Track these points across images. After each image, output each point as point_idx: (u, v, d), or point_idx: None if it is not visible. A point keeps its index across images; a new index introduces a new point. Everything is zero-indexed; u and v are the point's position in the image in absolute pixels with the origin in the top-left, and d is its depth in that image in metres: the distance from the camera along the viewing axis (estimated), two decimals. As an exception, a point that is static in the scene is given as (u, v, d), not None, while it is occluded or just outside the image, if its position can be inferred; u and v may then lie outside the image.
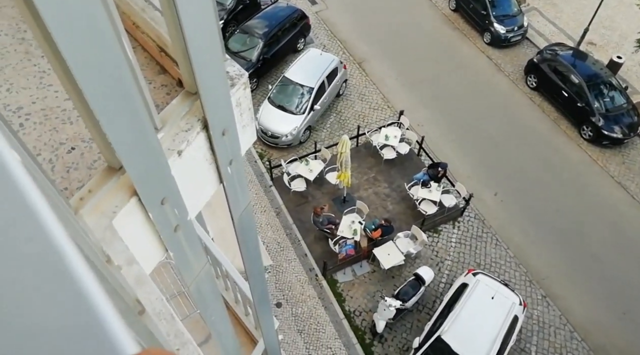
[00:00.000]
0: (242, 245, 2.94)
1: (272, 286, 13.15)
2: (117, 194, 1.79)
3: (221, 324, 2.97)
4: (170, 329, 1.50)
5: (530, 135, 16.74)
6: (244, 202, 2.67)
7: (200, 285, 2.50)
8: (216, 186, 2.38)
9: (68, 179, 2.14)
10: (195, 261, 2.36)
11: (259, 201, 14.79)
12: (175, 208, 2.03)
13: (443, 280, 13.40)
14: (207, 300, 2.65)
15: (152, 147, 1.74)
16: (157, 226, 1.96)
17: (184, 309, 5.58)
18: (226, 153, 2.26)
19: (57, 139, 2.32)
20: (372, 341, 12.37)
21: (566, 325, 12.76)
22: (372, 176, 15.43)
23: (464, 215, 14.68)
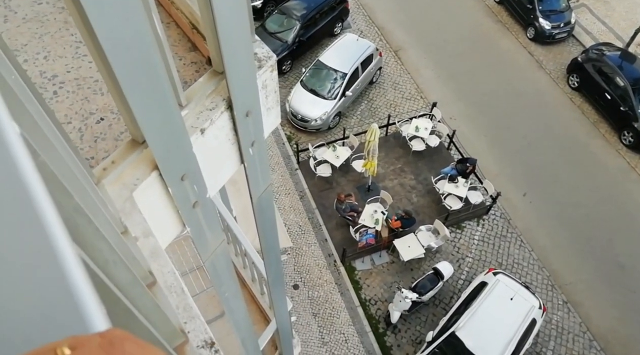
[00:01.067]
0: (260, 226, 2.97)
1: (291, 268, 13.30)
2: (139, 167, 1.83)
3: (234, 301, 3.02)
4: (180, 302, 1.54)
5: (566, 137, 16.21)
6: (264, 184, 2.69)
7: (215, 261, 2.55)
8: (237, 166, 2.40)
9: (95, 148, 2.21)
10: (212, 238, 2.40)
11: (283, 183, 14.89)
12: (194, 185, 2.06)
13: (462, 277, 13.26)
14: (222, 277, 2.71)
15: (175, 124, 1.76)
16: (176, 201, 2.00)
17: (202, 282, 5.71)
18: (249, 134, 2.27)
19: (88, 109, 2.39)
20: (386, 331, 12.41)
21: (586, 333, 12.48)
22: (399, 167, 15.29)
23: (489, 213, 14.42)
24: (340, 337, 12.31)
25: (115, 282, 0.93)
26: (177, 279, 1.60)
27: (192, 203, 2.11)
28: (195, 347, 1.47)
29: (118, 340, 0.39)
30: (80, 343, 0.38)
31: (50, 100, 2.43)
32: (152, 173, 1.86)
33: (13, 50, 2.56)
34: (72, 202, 0.74)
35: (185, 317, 1.53)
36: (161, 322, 1.18)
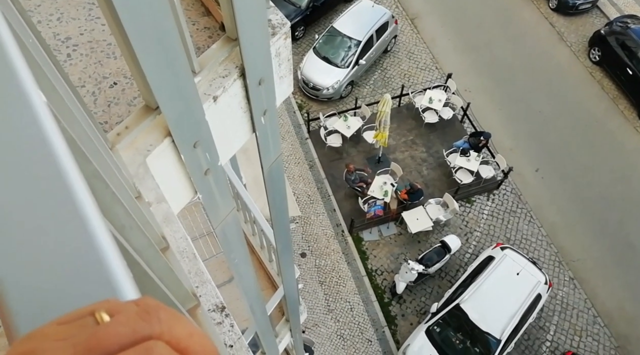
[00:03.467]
0: (270, 196, 2.99)
1: (299, 237, 13.46)
2: (152, 133, 1.84)
3: (243, 267, 3.08)
4: (192, 267, 1.57)
5: (583, 113, 15.89)
6: (275, 154, 2.69)
7: (226, 228, 2.59)
8: (249, 135, 2.40)
9: (109, 113, 2.21)
10: (223, 205, 2.43)
11: (293, 152, 14.89)
12: (206, 152, 2.07)
13: (469, 251, 13.34)
14: (232, 244, 2.75)
15: (188, 90, 1.76)
16: (188, 168, 2.01)
17: (211, 248, 5.82)
18: (261, 103, 2.26)
19: (101, 73, 2.38)
20: (391, 301, 12.62)
21: (590, 310, 12.58)
22: (411, 139, 15.17)
23: (500, 188, 14.35)
24: (346, 305, 12.56)
25: (132, 246, 0.95)
26: (189, 245, 1.63)
27: (204, 170, 2.13)
28: (207, 310, 1.51)
29: (153, 308, 0.39)
30: (118, 309, 0.38)
31: (63, 63, 2.43)
32: (164, 140, 1.87)
33: (27, 11, 2.53)
34: (90, 167, 0.75)
35: (197, 281, 1.56)
36: (175, 285, 1.21)
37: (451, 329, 11.15)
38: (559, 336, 12.23)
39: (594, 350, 12.05)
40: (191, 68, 1.88)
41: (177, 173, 2.00)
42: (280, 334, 5.66)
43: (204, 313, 1.38)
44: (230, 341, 1.46)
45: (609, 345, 12.12)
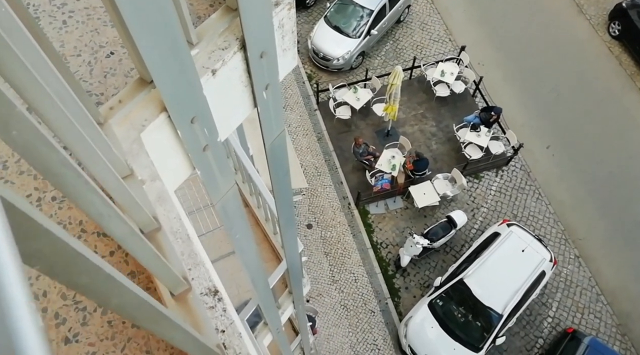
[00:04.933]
0: (273, 172, 2.92)
1: (305, 208, 13.49)
2: (147, 108, 1.77)
3: (245, 242, 3.05)
4: (185, 249, 1.53)
5: (599, 89, 15.48)
6: (278, 129, 2.61)
7: (226, 205, 2.53)
8: (250, 110, 2.31)
9: (105, 84, 2.14)
10: (223, 182, 2.37)
11: (302, 124, 14.76)
12: (205, 128, 2.00)
13: (475, 227, 13.31)
14: (233, 220, 2.70)
15: (185, 63, 1.67)
16: (185, 144, 1.94)
17: (216, 219, 5.81)
18: (263, 77, 2.16)
19: (98, 41, 2.29)
20: (395, 273, 12.71)
21: (594, 288, 12.60)
22: (421, 112, 14.94)
23: (509, 164, 14.18)
24: (350, 276, 12.68)
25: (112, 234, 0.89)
26: (183, 225, 1.58)
27: (203, 147, 2.06)
28: (199, 294, 1.48)
29: None
30: None
31: (59, 30, 2.34)
32: (160, 114, 1.79)
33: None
34: (57, 156, 0.69)
35: (190, 263, 1.52)
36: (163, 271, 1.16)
37: (454, 303, 11.24)
38: (561, 313, 12.30)
39: (595, 327, 12.13)
40: (188, 39, 1.79)
41: (174, 149, 1.94)
42: (283, 305, 5.71)
43: (195, 297, 1.34)
44: (222, 326, 1.44)
45: (611, 323, 12.19)
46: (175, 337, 0.94)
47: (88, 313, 1.66)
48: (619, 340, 12.01)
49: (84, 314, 1.67)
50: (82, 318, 1.66)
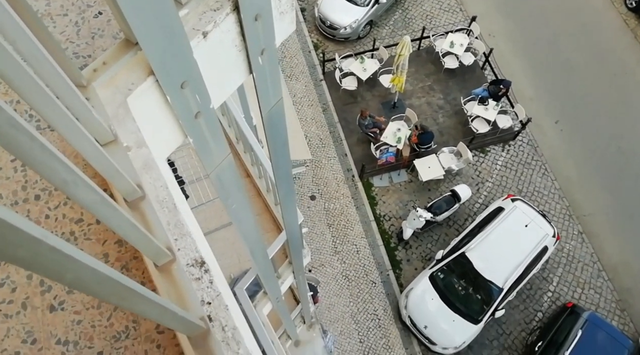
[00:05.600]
0: (270, 142, 2.86)
1: (309, 180, 13.46)
2: (134, 71, 1.68)
3: (242, 212, 3.01)
4: (171, 219, 1.48)
5: (612, 63, 15.09)
6: (275, 98, 2.52)
7: (221, 174, 2.48)
8: (245, 76, 2.22)
9: (92, 45, 2.05)
10: (216, 150, 2.30)
11: (307, 94, 14.56)
12: (196, 94, 1.92)
13: (479, 201, 13.25)
14: (228, 190, 2.65)
15: (172, 24, 1.58)
16: (175, 111, 1.87)
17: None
18: (258, 41, 2.06)
19: (85, 0, 2.19)
20: (397, 246, 12.76)
21: (596, 264, 12.62)
22: (428, 84, 14.67)
23: (516, 139, 13.99)
24: (352, 247, 12.75)
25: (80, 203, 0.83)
26: (170, 194, 1.53)
27: (194, 113, 1.98)
28: (185, 265, 1.44)
29: None
30: None
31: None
32: (148, 78, 1.71)
33: None
34: (3, 115, 0.63)
35: (176, 234, 1.48)
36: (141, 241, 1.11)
37: (455, 276, 11.31)
38: (561, 288, 12.37)
39: (595, 302, 12.20)
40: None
41: (164, 116, 1.86)
42: (283, 275, 5.74)
43: (179, 268, 1.30)
44: (208, 298, 1.40)
45: (611, 298, 12.25)
46: (148, 312, 0.90)
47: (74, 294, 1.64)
48: (618, 315, 12.09)
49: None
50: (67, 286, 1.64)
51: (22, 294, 1.61)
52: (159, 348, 1.58)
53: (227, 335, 1.33)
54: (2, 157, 1.87)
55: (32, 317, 1.56)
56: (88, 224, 1.77)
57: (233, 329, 1.34)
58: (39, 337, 1.54)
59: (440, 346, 11.09)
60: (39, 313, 1.57)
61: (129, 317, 1.61)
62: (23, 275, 1.61)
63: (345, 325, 11.84)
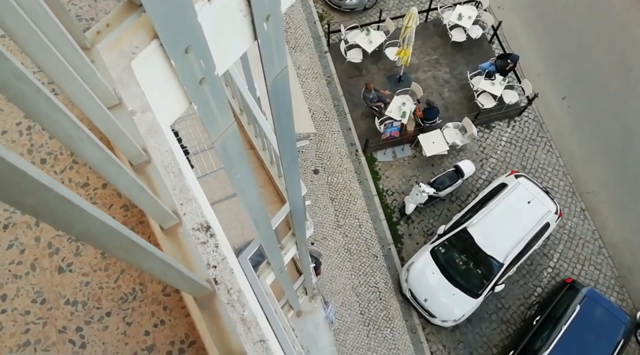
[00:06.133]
0: (274, 111, 2.83)
1: (312, 154, 13.44)
2: (138, 34, 1.66)
3: (246, 182, 3.01)
4: (177, 184, 1.49)
5: (623, 38, 14.77)
6: (280, 66, 2.49)
7: (225, 143, 2.47)
8: (250, 43, 2.19)
9: (95, 8, 2.01)
10: (221, 118, 2.29)
11: (311, 66, 14.39)
12: (201, 59, 1.89)
13: (483, 177, 13.24)
14: (232, 159, 2.65)
15: (176, -14, 1.55)
16: (180, 76, 1.85)
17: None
18: (263, 6, 2.02)
19: (88, -38, 2.14)
20: (399, 221, 12.83)
21: (597, 241, 12.68)
22: (435, 58, 14.46)
23: (522, 115, 13.87)
24: (355, 221, 12.83)
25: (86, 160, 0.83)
26: (175, 159, 1.53)
27: (199, 79, 1.96)
28: (190, 229, 1.45)
29: None
30: None
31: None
32: (152, 42, 1.69)
33: None
34: (9, 66, 0.62)
35: (182, 198, 1.48)
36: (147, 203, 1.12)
37: (456, 251, 11.41)
38: (561, 264, 12.47)
39: (594, 278, 12.32)
40: (180, -41, 1.65)
41: (168, 81, 1.85)
42: (286, 247, 5.80)
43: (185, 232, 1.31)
44: (213, 262, 1.42)
45: (610, 275, 12.36)
46: (155, 269, 0.92)
47: (81, 244, 1.66)
48: (617, 291, 12.23)
49: (77, 245, 1.67)
50: (75, 249, 1.66)
51: (31, 255, 1.63)
52: (165, 310, 1.61)
53: (232, 297, 1.36)
54: (8, 120, 1.87)
55: (41, 278, 1.59)
56: (94, 188, 1.78)
57: (238, 292, 1.37)
58: (48, 297, 1.57)
59: (440, 319, 11.28)
60: (47, 274, 1.60)
61: (136, 280, 1.64)
62: (31, 238, 1.64)
63: (347, 297, 12.03)
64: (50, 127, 0.76)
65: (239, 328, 1.31)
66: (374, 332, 11.74)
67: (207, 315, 1.31)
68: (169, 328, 1.58)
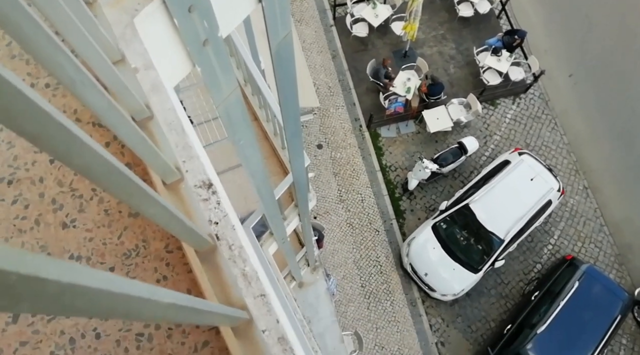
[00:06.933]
0: (278, 78, 2.81)
1: (316, 128, 13.40)
2: (140, -10, 1.64)
3: (249, 149, 3.01)
4: (179, 141, 1.49)
5: (635, 20, 14.46)
6: (284, 30, 2.46)
7: (229, 108, 2.46)
8: (253, 5, 2.16)
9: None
10: (225, 82, 2.28)
11: (317, 40, 14.20)
12: (204, 19, 1.87)
13: (486, 154, 13.20)
14: (236, 125, 2.65)
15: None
16: (183, 36, 1.83)
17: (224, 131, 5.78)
18: (267, -34, 1.99)
19: None
20: (402, 196, 12.87)
21: (598, 219, 12.71)
22: (441, 33, 14.23)
23: (528, 92, 13.72)
24: (357, 196, 12.88)
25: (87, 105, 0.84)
26: (178, 117, 1.53)
27: (202, 40, 1.94)
28: (193, 186, 1.46)
29: None
30: None
31: None
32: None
33: None
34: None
35: (185, 156, 1.49)
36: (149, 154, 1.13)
37: (457, 227, 11.47)
38: (562, 241, 12.54)
39: (594, 256, 12.40)
40: None
41: (171, 40, 1.83)
42: (289, 217, 5.84)
43: (187, 188, 1.33)
44: (215, 218, 1.44)
45: (610, 253, 12.44)
46: (158, 215, 0.93)
47: (85, 201, 1.68)
48: (616, 269, 12.32)
49: (80, 201, 1.69)
50: (79, 205, 1.68)
51: (35, 211, 1.66)
52: (168, 266, 1.64)
53: (234, 253, 1.38)
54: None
55: (45, 232, 1.62)
56: (97, 146, 1.79)
57: (240, 247, 1.39)
58: (52, 251, 1.60)
59: (440, 293, 11.43)
60: (51, 229, 1.63)
61: (139, 237, 1.66)
62: (35, 194, 1.66)
63: (348, 270, 12.18)
64: (51, 67, 0.76)
65: (240, 282, 1.34)
66: (374, 305, 11.93)
67: (209, 269, 1.34)
68: (172, 283, 1.61)
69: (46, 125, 0.53)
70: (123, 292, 0.51)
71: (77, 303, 0.43)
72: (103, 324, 1.45)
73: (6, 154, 1.65)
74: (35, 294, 0.39)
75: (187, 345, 1.47)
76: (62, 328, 1.42)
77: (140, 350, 1.38)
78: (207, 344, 1.47)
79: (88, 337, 1.42)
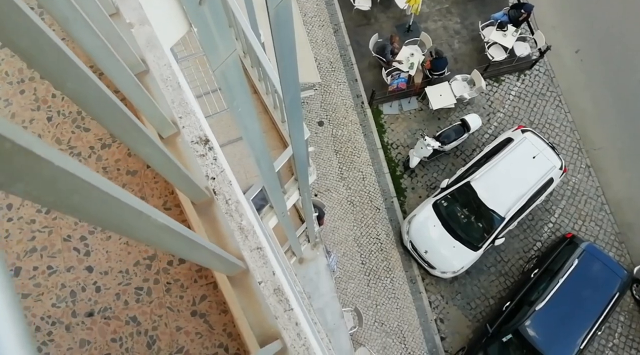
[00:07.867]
0: (277, 45, 2.77)
1: (317, 105, 13.31)
2: (135, -55, 1.61)
3: (247, 117, 3.00)
4: (176, 97, 1.48)
5: (644, -11, 14.19)
6: (283, -9, 2.41)
7: (226, 72, 2.44)
8: (251, -37, 2.12)
9: None
10: (222, 44, 2.25)
11: (318, 14, 13.99)
12: (200, -24, 1.84)
13: (489, 132, 13.13)
14: (234, 90, 2.62)
15: None
16: (179, -7, 1.81)
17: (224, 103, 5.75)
18: None
19: None
20: (403, 174, 12.87)
21: (600, 197, 12.71)
22: (446, 7, 14.00)
23: (533, 68, 13.56)
24: (358, 174, 12.88)
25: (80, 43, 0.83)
26: (174, 74, 1.52)
27: (198, 0, 1.91)
28: (189, 142, 1.46)
29: None
30: None
31: None
32: (149, -46, 1.64)
33: None
34: None
35: (181, 112, 1.49)
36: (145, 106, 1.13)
37: (458, 204, 11.50)
38: (562, 219, 12.57)
39: (594, 234, 12.45)
40: None
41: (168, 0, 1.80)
42: (289, 192, 5.86)
43: (184, 142, 1.32)
44: (212, 174, 1.44)
45: (610, 231, 12.48)
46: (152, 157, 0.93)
47: (83, 158, 1.68)
48: (616, 247, 12.38)
49: (78, 159, 1.69)
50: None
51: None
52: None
53: (230, 207, 1.39)
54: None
55: (44, 189, 1.62)
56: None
57: (236, 202, 1.40)
58: (52, 207, 1.61)
59: (439, 270, 11.53)
60: (50, 186, 1.63)
61: (137, 194, 1.66)
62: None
63: (349, 247, 12.27)
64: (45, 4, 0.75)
65: (237, 236, 1.35)
66: (374, 282, 12.06)
67: (206, 221, 1.35)
68: (170, 239, 1.63)
69: (39, 40, 0.53)
70: (118, 196, 0.51)
71: (72, 196, 0.43)
72: (103, 278, 1.48)
73: (4, 111, 1.65)
74: (30, 172, 0.39)
75: (186, 299, 1.49)
76: (63, 281, 1.44)
77: (140, 303, 1.41)
78: (205, 298, 1.50)
79: (88, 290, 1.45)
